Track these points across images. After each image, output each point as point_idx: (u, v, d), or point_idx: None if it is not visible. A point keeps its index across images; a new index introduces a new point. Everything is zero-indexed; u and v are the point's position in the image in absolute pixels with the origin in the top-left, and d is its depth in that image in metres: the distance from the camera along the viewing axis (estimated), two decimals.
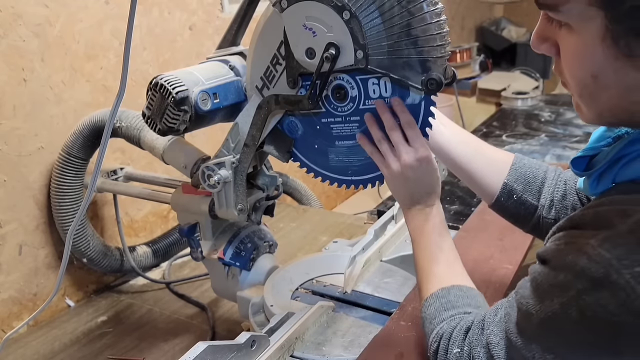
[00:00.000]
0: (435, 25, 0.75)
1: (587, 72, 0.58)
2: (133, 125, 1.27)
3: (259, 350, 0.88)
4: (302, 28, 0.81)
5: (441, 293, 0.78)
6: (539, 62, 3.80)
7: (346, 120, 0.88)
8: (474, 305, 0.76)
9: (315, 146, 0.93)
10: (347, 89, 0.85)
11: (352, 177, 0.92)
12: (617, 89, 0.56)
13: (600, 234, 0.53)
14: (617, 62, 0.54)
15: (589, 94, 0.59)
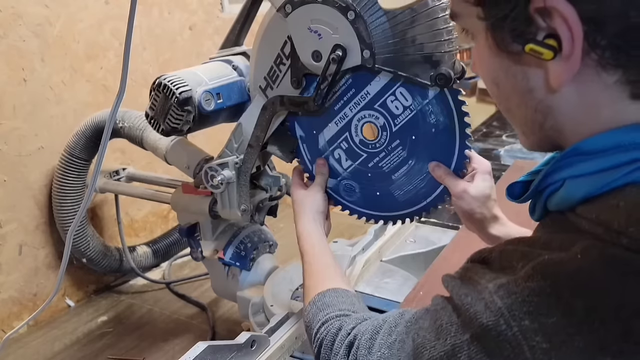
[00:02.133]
0: (442, 19, 0.75)
1: (490, 80, 0.57)
2: (135, 126, 1.27)
3: (259, 350, 0.88)
4: (308, 31, 0.81)
5: (317, 298, 0.77)
6: None
7: (389, 150, 0.86)
8: (349, 303, 0.74)
9: (377, 193, 0.90)
10: (374, 122, 0.85)
11: (425, 199, 0.88)
12: (516, 96, 0.54)
13: (499, 279, 0.50)
14: (503, 61, 0.52)
15: (503, 107, 0.58)
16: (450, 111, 0.81)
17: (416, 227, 1.43)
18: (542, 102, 0.52)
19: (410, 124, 0.83)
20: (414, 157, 0.85)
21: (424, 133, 0.83)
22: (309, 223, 0.93)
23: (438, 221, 1.49)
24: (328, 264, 0.84)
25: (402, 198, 0.89)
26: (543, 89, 0.52)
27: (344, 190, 0.94)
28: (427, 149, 0.84)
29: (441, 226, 1.45)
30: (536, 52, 0.48)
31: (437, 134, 0.82)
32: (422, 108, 0.81)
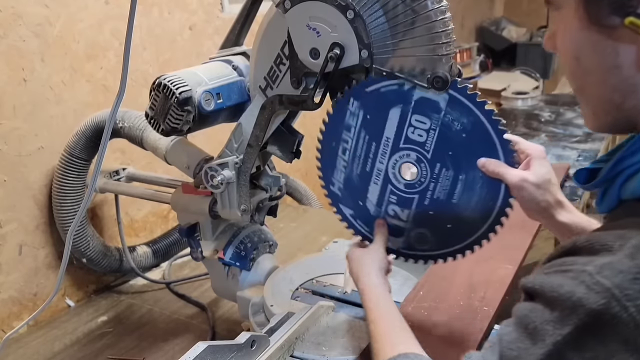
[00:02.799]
0: (440, 22, 0.75)
1: (570, 54, 0.56)
2: (135, 126, 1.27)
3: (259, 350, 0.87)
4: (306, 28, 0.81)
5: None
6: (539, 62, 3.81)
7: (436, 177, 0.83)
8: None
9: (449, 226, 0.86)
10: (409, 161, 0.83)
11: (496, 201, 0.82)
12: (598, 73, 0.53)
13: (598, 260, 0.47)
14: (592, 35, 0.51)
15: (579, 84, 0.57)
16: (469, 109, 0.78)
17: None
18: (627, 80, 0.52)
19: (441, 142, 0.80)
20: (462, 170, 0.81)
21: (457, 143, 0.80)
22: (372, 277, 0.85)
23: None
24: (395, 323, 0.78)
25: (475, 214, 0.84)
26: (632, 67, 0.51)
27: (417, 241, 0.90)
28: (469, 155, 0.80)
29: None
30: (636, 26, 0.47)
31: (469, 137, 0.79)
32: (442, 121, 0.79)
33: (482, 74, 3.79)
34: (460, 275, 1.11)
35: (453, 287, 1.08)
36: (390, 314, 0.79)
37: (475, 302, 1.03)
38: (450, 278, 1.11)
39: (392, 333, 0.76)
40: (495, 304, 1.02)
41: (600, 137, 2.20)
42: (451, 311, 1.01)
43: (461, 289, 1.07)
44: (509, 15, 4.68)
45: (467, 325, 0.97)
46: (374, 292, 0.82)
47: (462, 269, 1.13)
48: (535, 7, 4.45)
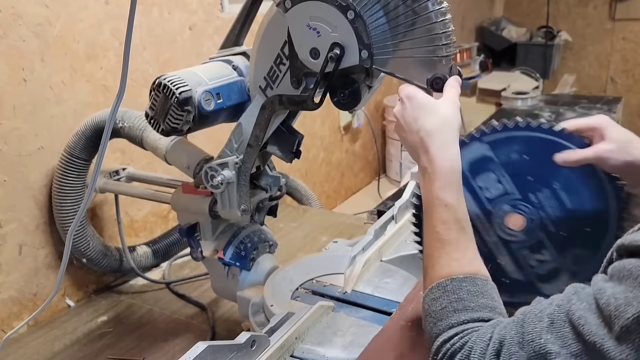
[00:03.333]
0: (440, 24, 0.75)
1: None
2: (135, 126, 1.27)
3: (259, 350, 0.87)
4: (307, 28, 0.81)
5: (450, 286, 0.64)
6: (539, 62, 3.81)
7: (540, 204, 0.80)
8: (490, 307, 0.63)
9: (587, 229, 0.81)
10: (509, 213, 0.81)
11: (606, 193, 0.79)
12: None
13: None
14: None
15: None
16: (509, 138, 0.78)
17: None
18: None
19: (515, 178, 0.79)
20: (551, 180, 0.79)
21: (528, 166, 0.79)
22: (451, 149, 0.71)
23: None
24: (467, 232, 0.69)
25: (596, 202, 0.80)
26: None
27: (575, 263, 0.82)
28: (544, 166, 0.78)
29: None
30: None
31: (531, 154, 0.78)
32: (503, 164, 0.79)
33: (482, 74, 3.79)
34: None
35: None
36: (467, 221, 0.70)
37: None
38: None
39: (464, 244, 0.68)
40: None
41: None
42: None
43: None
44: (509, 15, 4.68)
45: None
46: (456, 185, 0.70)
47: None
48: (535, 7, 4.45)
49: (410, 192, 1.43)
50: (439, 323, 0.64)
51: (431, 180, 0.70)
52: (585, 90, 4.17)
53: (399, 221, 1.34)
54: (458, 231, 0.68)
